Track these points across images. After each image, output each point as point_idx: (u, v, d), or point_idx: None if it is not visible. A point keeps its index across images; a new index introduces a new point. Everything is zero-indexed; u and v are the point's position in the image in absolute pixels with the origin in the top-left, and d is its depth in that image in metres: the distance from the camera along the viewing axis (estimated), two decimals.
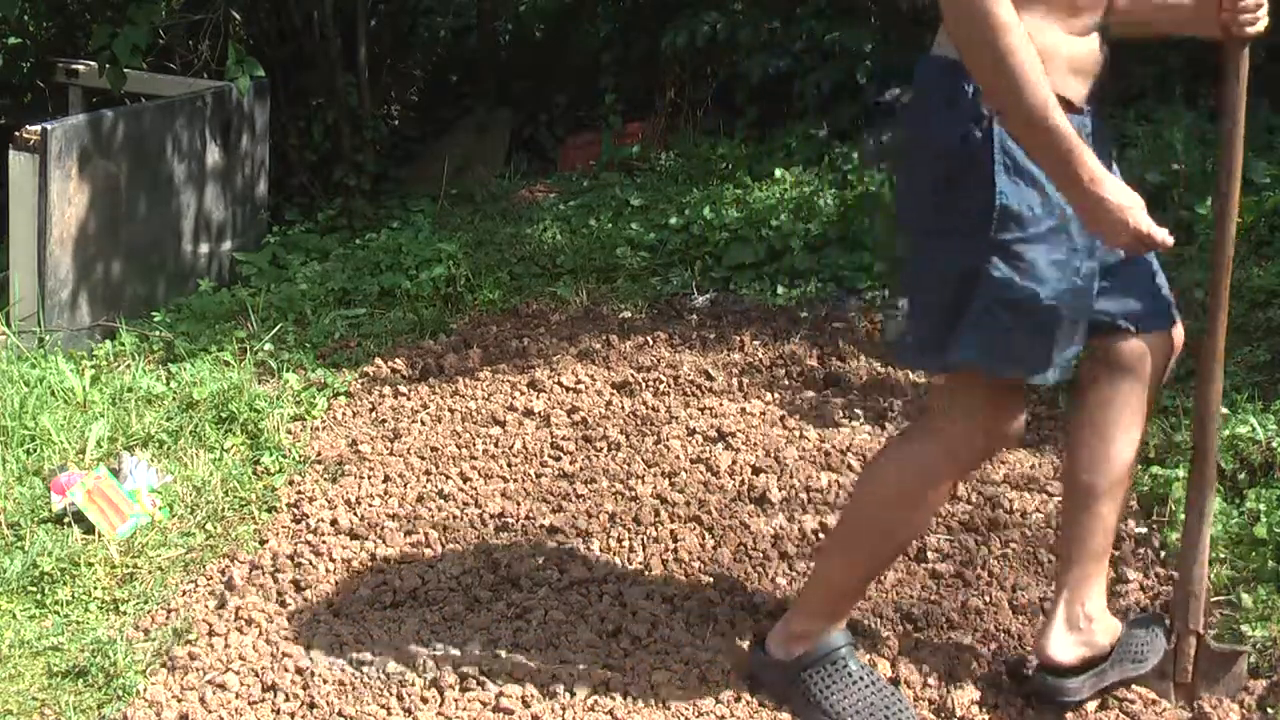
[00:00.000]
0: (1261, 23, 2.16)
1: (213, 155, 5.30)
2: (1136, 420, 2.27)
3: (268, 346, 4.24)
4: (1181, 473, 2.95)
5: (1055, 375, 2.10)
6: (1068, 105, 2.00)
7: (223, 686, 2.49)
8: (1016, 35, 1.86)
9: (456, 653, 2.55)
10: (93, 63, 5.39)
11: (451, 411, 3.76)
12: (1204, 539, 2.30)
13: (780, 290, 4.43)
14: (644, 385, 3.80)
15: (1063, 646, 2.30)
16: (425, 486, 3.33)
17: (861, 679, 2.30)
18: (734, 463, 3.31)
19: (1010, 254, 2.02)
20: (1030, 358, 2.08)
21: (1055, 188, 1.97)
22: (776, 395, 3.70)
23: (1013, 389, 2.14)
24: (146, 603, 2.87)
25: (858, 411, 3.56)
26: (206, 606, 2.81)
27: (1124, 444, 2.26)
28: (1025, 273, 2.03)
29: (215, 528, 3.20)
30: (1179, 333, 2.33)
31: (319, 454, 3.57)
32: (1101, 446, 2.26)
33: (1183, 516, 2.78)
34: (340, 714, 2.39)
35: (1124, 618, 2.55)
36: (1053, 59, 1.96)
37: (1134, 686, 2.35)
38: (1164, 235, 1.94)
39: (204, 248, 5.30)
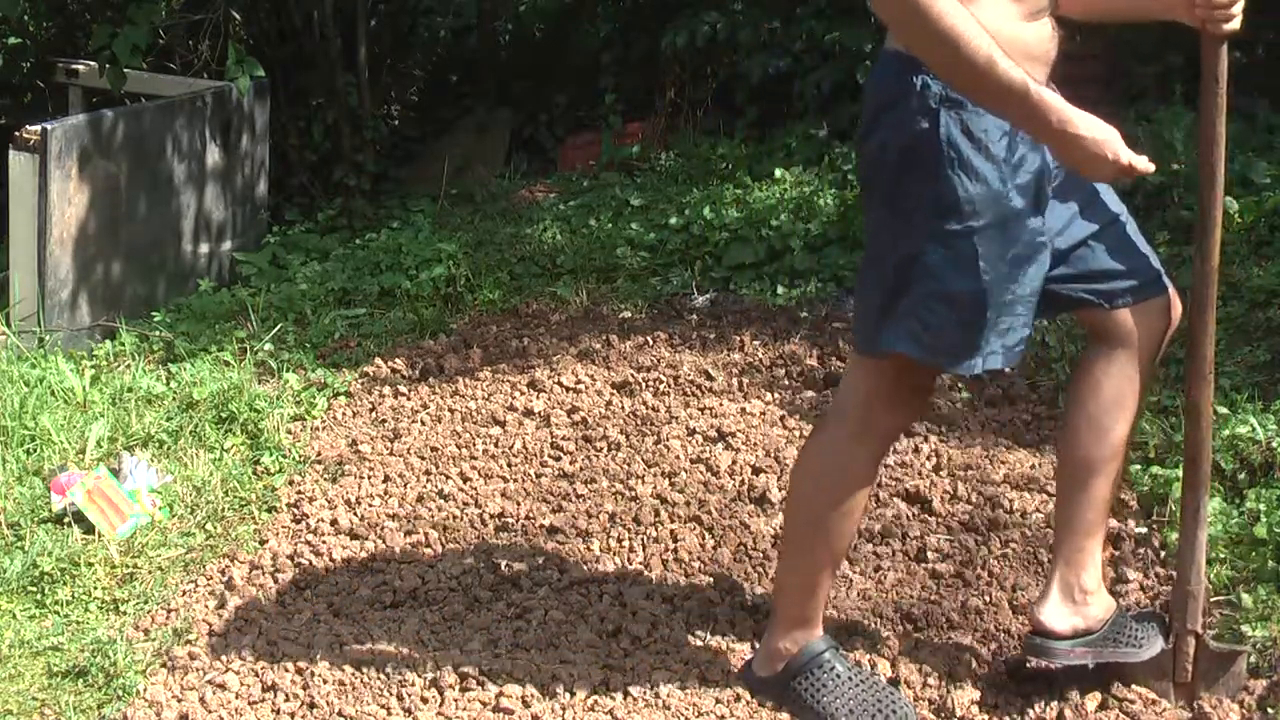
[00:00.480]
0: (1236, 20, 2.16)
1: (213, 155, 5.30)
2: (1131, 394, 2.27)
3: (268, 346, 4.24)
4: (1181, 472, 2.94)
5: (998, 362, 2.11)
6: None
7: (223, 686, 2.49)
8: (944, 1, 1.86)
9: (456, 653, 2.55)
10: (93, 63, 5.40)
11: (451, 411, 3.76)
12: (1200, 539, 2.30)
13: (780, 290, 4.43)
14: (644, 385, 3.80)
15: (1057, 616, 2.31)
16: (425, 486, 3.33)
17: (850, 678, 2.30)
18: (734, 463, 3.31)
19: (950, 246, 2.04)
20: (958, 349, 2.09)
21: (1029, 136, 1.96)
22: (776, 395, 3.70)
23: (930, 373, 2.14)
24: (146, 603, 2.87)
25: None
26: (206, 606, 2.81)
27: (1118, 419, 2.26)
28: (962, 265, 2.04)
29: (215, 528, 3.20)
30: (1175, 298, 2.34)
31: (319, 454, 3.57)
32: (1096, 421, 2.26)
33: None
34: (340, 714, 2.39)
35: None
36: (1004, 44, 1.95)
37: (1134, 686, 2.35)
38: (1144, 162, 1.95)
39: (204, 248, 5.30)
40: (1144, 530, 2.85)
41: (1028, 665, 2.41)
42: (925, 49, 1.92)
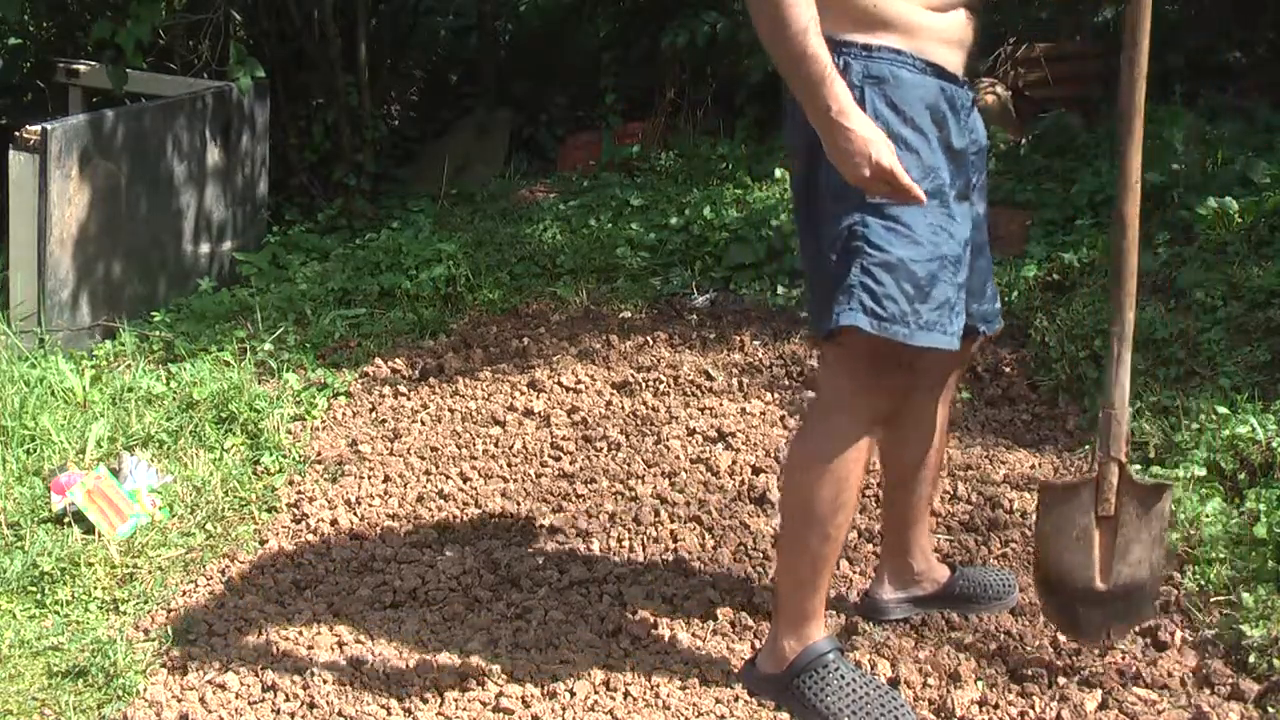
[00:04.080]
0: None
1: (213, 155, 5.30)
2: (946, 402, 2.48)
3: (268, 346, 4.24)
4: (1181, 473, 2.95)
5: (945, 342, 2.13)
6: (941, 73, 2.11)
7: (223, 686, 2.49)
8: None
9: (456, 653, 2.55)
10: (93, 63, 5.39)
11: (451, 411, 3.76)
12: (1125, 359, 2.24)
13: (780, 290, 4.43)
14: (644, 385, 3.80)
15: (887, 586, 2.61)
16: (425, 486, 3.33)
17: (853, 679, 2.30)
18: (734, 463, 3.31)
19: (886, 215, 2.08)
20: (908, 318, 2.10)
21: (808, 116, 2.01)
22: (776, 395, 3.70)
23: (894, 350, 2.13)
24: (146, 603, 2.87)
25: None
26: (206, 606, 2.81)
27: (923, 439, 2.47)
28: (903, 234, 2.08)
29: (215, 528, 3.20)
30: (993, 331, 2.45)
31: (319, 454, 3.57)
32: (900, 440, 2.46)
33: (1182, 516, 2.79)
34: (340, 714, 2.39)
35: None
36: (916, 30, 2.06)
37: (1134, 688, 2.35)
38: (909, 181, 1.98)
39: (204, 248, 5.30)
40: None
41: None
42: (753, 17, 1.98)
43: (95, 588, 2.93)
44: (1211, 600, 2.56)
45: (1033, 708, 2.32)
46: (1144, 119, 2.23)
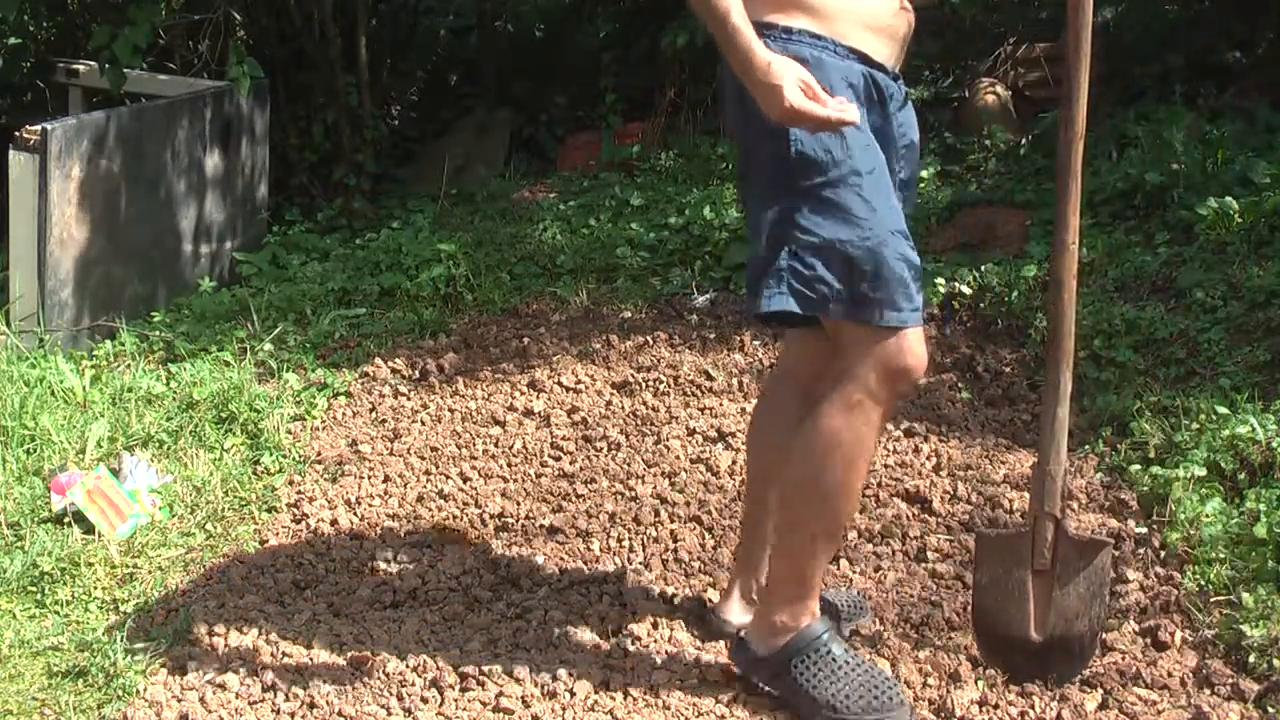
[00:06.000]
0: None
1: (213, 156, 5.30)
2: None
3: (268, 346, 4.24)
4: (1181, 472, 2.95)
5: (908, 319, 2.12)
6: (866, 59, 2.12)
7: (223, 686, 2.49)
8: None
9: (456, 653, 2.55)
10: (93, 63, 5.40)
11: (451, 411, 3.76)
12: (1061, 417, 2.25)
13: None
14: (644, 385, 3.80)
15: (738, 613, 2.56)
16: (425, 486, 3.33)
17: (848, 663, 2.29)
18: (734, 463, 3.31)
19: (818, 199, 2.09)
20: (846, 301, 2.11)
21: (735, 70, 2.04)
22: None
23: (893, 331, 2.13)
24: (146, 603, 2.87)
25: None
26: (206, 606, 2.81)
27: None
28: (836, 216, 2.09)
29: (215, 528, 3.20)
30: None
31: (319, 454, 3.57)
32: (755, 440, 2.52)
33: (1182, 516, 2.79)
34: (340, 714, 2.39)
35: (1122, 617, 2.55)
36: (832, 14, 2.09)
37: (1134, 688, 2.35)
38: (827, 97, 1.99)
39: (204, 248, 5.30)
40: (1144, 530, 2.85)
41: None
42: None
43: (95, 588, 2.93)
44: (1211, 600, 2.56)
45: (1033, 708, 2.32)
46: (1082, 176, 2.21)
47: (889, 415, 2.24)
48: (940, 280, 4.14)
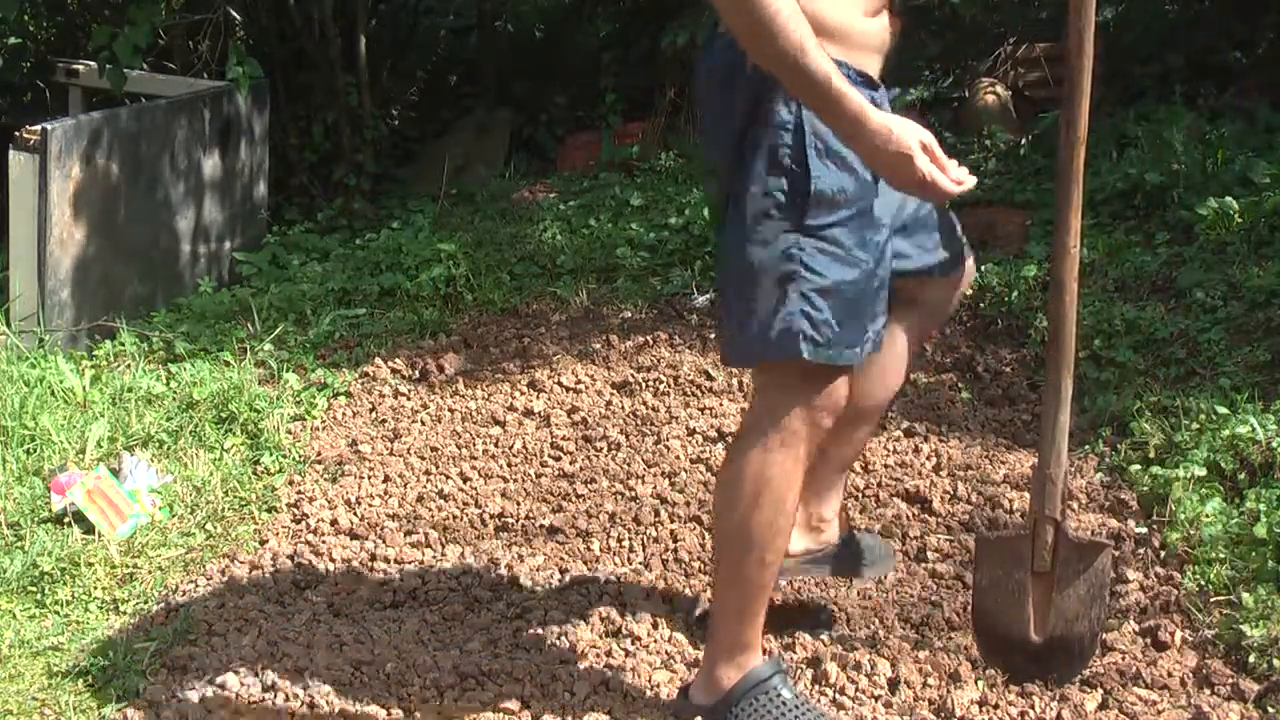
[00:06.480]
0: None
1: (213, 156, 5.30)
2: (915, 348, 2.45)
3: (268, 346, 4.24)
4: (1181, 472, 2.95)
5: (868, 349, 2.12)
6: (869, 81, 2.05)
7: (223, 686, 2.49)
8: None
9: (456, 653, 2.55)
10: (93, 63, 5.40)
11: (451, 411, 3.76)
12: (1061, 421, 2.24)
13: None
14: (644, 385, 3.80)
15: (791, 540, 2.35)
16: (425, 486, 3.33)
17: (797, 706, 2.20)
18: None
19: (825, 239, 2.03)
20: (847, 339, 2.08)
21: (838, 135, 1.94)
22: None
23: (830, 369, 2.10)
24: (146, 603, 2.87)
25: None
26: (206, 606, 2.81)
27: (901, 372, 2.42)
28: (839, 257, 2.04)
29: (215, 528, 3.20)
30: (970, 265, 2.43)
31: (319, 454, 3.57)
32: (880, 374, 2.36)
33: (1182, 516, 2.79)
34: (340, 714, 2.39)
35: (1122, 617, 2.55)
36: (849, 36, 1.97)
37: (1134, 688, 2.35)
38: (956, 177, 1.92)
39: (204, 248, 5.30)
40: (1144, 530, 2.85)
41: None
42: (739, 24, 1.86)
43: (95, 588, 2.93)
44: (1211, 600, 2.56)
45: (1033, 708, 2.32)
46: (1083, 177, 2.19)
47: (813, 450, 2.18)
48: None
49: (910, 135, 1.90)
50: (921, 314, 2.40)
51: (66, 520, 3.17)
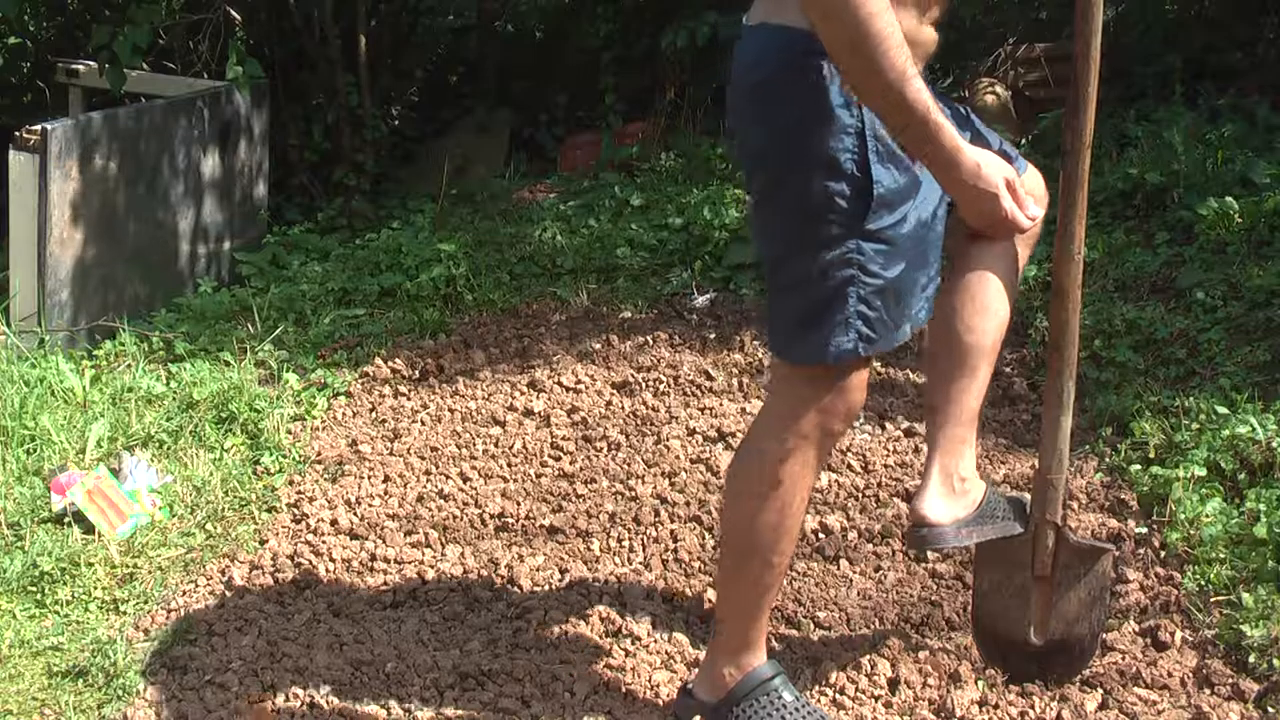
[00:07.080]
0: None
1: (213, 155, 5.30)
2: (1013, 277, 2.25)
3: (268, 346, 4.24)
4: (1181, 472, 2.95)
5: (924, 317, 2.11)
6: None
7: (223, 686, 2.49)
8: (877, 3, 1.79)
9: (456, 653, 2.55)
10: (93, 63, 5.40)
11: (451, 411, 3.76)
12: (1063, 425, 2.23)
13: None
14: (644, 385, 3.80)
15: (938, 507, 2.21)
16: (425, 486, 3.33)
17: (798, 709, 2.20)
18: None
19: (881, 239, 2.01)
20: (893, 329, 2.07)
21: (927, 163, 1.93)
22: None
23: (857, 365, 2.09)
24: (146, 603, 2.87)
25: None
26: (206, 606, 2.81)
27: (1005, 303, 2.23)
28: (891, 255, 2.03)
29: (215, 528, 3.20)
30: (1034, 177, 2.30)
31: (319, 454, 3.57)
32: (982, 307, 2.22)
33: (1182, 516, 2.79)
34: (340, 714, 2.39)
35: (1122, 617, 2.55)
36: (915, 46, 1.94)
37: (1134, 688, 2.35)
38: (1024, 219, 1.95)
39: (204, 248, 5.31)
40: (1144, 530, 2.85)
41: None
42: (843, 44, 1.82)
43: (95, 588, 2.93)
44: (1211, 600, 2.56)
45: (1033, 708, 2.32)
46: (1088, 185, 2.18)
47: (824, 457, 2.16)
48: (941, 280, 4.14)
49: (997, 173, 1.93)
50: (994, 243, 2.24)
51: (66, 520, 3.17)
